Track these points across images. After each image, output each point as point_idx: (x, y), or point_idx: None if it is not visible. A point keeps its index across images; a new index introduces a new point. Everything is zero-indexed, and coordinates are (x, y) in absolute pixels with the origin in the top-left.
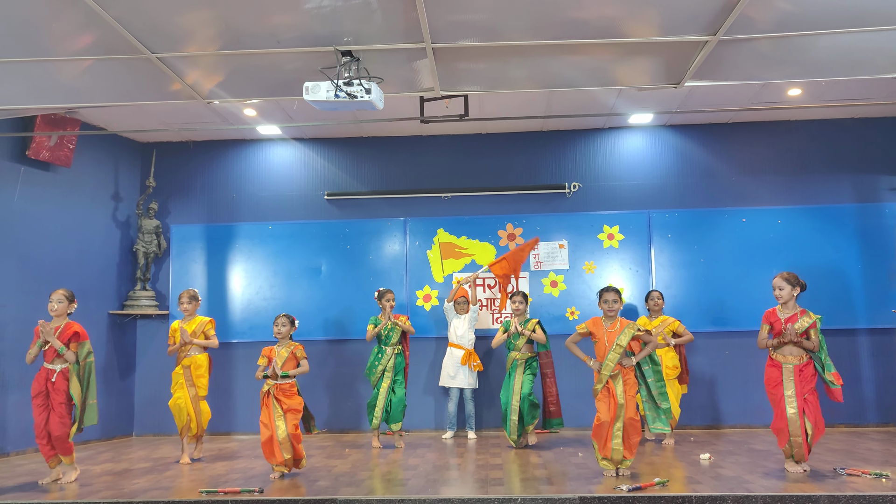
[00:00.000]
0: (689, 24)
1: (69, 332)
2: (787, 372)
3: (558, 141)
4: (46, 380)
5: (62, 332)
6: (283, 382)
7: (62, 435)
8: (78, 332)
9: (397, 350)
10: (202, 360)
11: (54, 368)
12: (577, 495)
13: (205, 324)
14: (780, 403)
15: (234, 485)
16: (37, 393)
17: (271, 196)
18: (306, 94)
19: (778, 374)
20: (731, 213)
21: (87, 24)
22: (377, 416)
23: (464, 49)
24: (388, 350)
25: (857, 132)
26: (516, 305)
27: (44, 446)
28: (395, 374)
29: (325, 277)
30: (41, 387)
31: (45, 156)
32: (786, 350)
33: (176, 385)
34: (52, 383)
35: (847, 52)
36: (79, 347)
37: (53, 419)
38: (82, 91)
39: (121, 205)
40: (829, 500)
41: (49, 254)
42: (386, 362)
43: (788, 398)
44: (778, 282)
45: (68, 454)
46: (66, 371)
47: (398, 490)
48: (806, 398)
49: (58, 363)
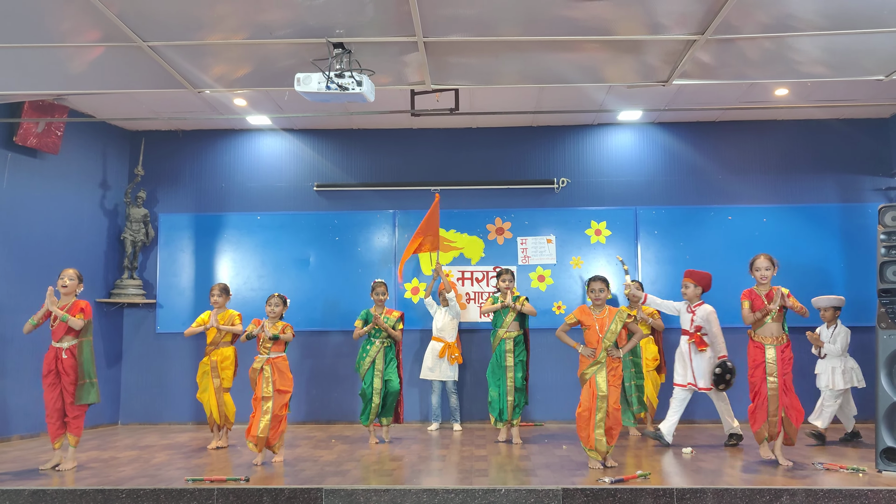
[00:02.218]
0: (677, 23)
1: (76, 309)
2: (769, 352)
3: (548, 136)
4: (56, 358)
5: (70, 309)
6: (277, 356)
7: (79, 415)
8: (84, 309)
9: (387, 344)
10: (229, 352)
11: (62, 346)
12: (560, 486)
13: (233, 316)
14: (761, 384)
15: (221, 473)
16: (47, 372)
17: (260, 186)
18: (298, 85)
19: (760, 354)
20: (717, 210)
21: (77, 11)
22: (373, 412)
23: (455, 43)
24: (377, 343)
25: (842, 133)
26: (505, 284)
27: (52, 425)
28: (387, 367)
29: (314, 269)
30: (51, 365)
31: (33, 142)
32: (767, 331)
33: (202, 375)
34: (62, 361)
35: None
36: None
37: (68, 400)
38: (72, 78)
39: (109, 193)
40: (806, 494)
41: (36, 241)
42: (374, 354)
43: (769, 376)
44: (765, 262)
45: (78, 434)
46: (75, 348)
47: (384, 480)
48: (785, 379)
49: (66, 341)
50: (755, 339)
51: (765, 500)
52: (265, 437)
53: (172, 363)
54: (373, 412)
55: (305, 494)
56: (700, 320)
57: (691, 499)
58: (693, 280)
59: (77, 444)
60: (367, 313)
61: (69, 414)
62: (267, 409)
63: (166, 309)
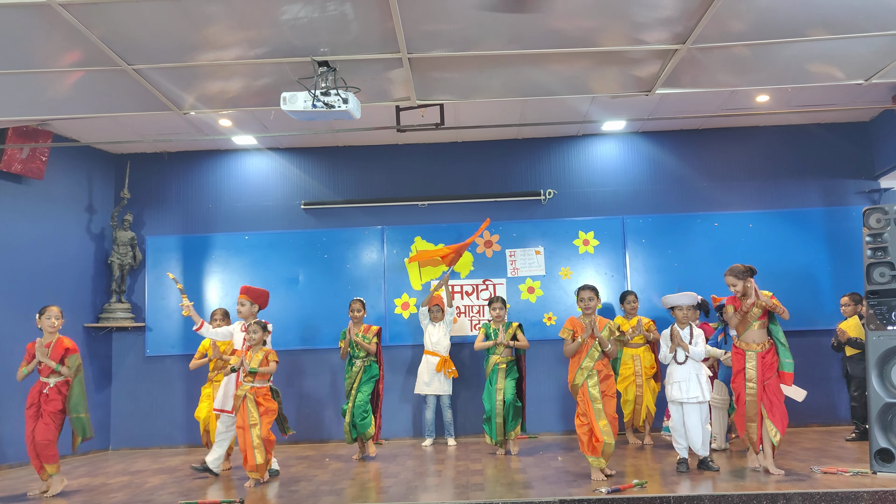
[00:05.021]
0: (659, 33)
1: (62, 349)
2: (749, 358)
3: (533, 148)
4: (40, 392)
5: (55, 347)
6: (261, 386)
7: (44, 441)
8: (68, 348)
9: (367, 363)
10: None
11: (48, 382)
12: (556, 498)
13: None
14: (741, 390)
15: (215, 496)
16: (30, 404)
17: (247, 206)
18: (284, 104)
19: (741, 360)
20: (703, 217)
21: (62, 37)
22: (346, 432)
23: (439, 59)
24: (358, 363)
25: (823, 137)
26: (497, 312)
27: (34, 458)
28: (361, 384)
29: (303, 287)
30: (34, 398)
31: (17, 168)
32: (749, 337)
33: (203, 397)
34: (45, 395)
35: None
36: (70, 361)
37: (39, 426)
38: (57, 103)
39: (95, 217)
40: (802, 498)
41: (23, 267)
42: (355, 375)
43: (748, 382)
44: (730, 279)
45: (52, 462)
46: (62, 385)
47: (380, 497)
48: (766, 385)
49: (53, 378)
50: (737, 346)
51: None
52: (262, 462)
53: (163, 386)
54: (345, 428)
55: None
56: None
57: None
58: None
59: (57, 470)
60: (344, 332)
61: (37, 440)
62: (256, 436)
63: (155, 332)
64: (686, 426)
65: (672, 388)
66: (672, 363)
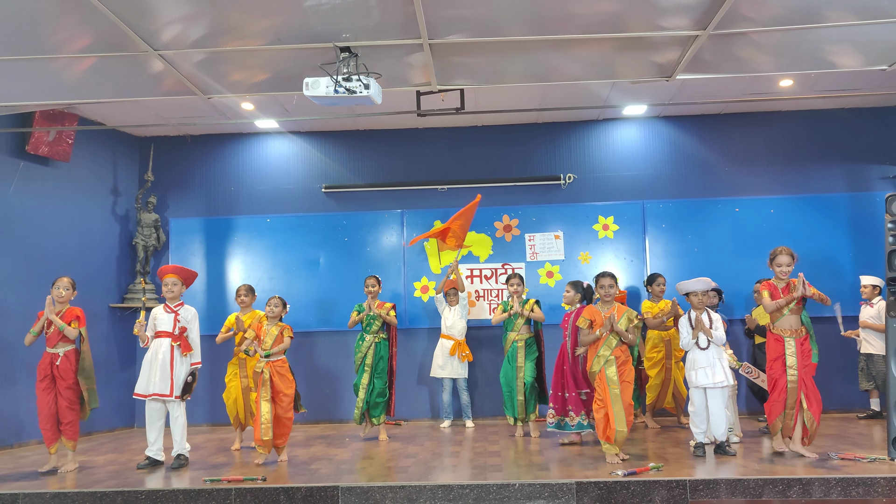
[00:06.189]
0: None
1: (72, 316)
2: (788, 345)
3: (553, 133)
4: (51, 364)
5: (64, 316)
6: (276, 359)
7: (73, 420)
8: (79, 317)
9: (378, 339)
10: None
11: (58, 353)
12: (573, 480)
13: (261, 316)
14: (781, 377)
15: (239, 473)
16: (42, 377)
17: (269, 189)
18: (306, 89)
19: (780, 347)
20: (724, 202)
21: (88, 21)
22: (358, 407)
23: (460, 44)
24: (368, 338)
25: (847, 122)
26: (514, 288)
27: (47, 431)
28: (375, 364)
29: (324, 269)
30: (46, 371)
31: (45, 151)
32: (786, 323)
33: (230, 375)
34: (56, 367)
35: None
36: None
37: (62, 405)
38: (83, 87)
39: (120, 199)
40: (819, 483)
41: (49, 248)
42: (366, 350)
43: (790, 368)
44: (787, 258)
45: (74, 439)
46: (71, 354)
47: (399, 477)
48: (805, 371)
49: (61, 347)
50: (774, 332)
51: (777, 489)
52: (269, 439)
53: None
54: (357, 407)
55: (322, 492)
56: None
57: (704, 490)
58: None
59: (75, 448)
60: (360, 306)
61: (63, 420)
62: (267, 410)
63: None
64: (710, 410)
65: (697, 373)
66: (694, 349)
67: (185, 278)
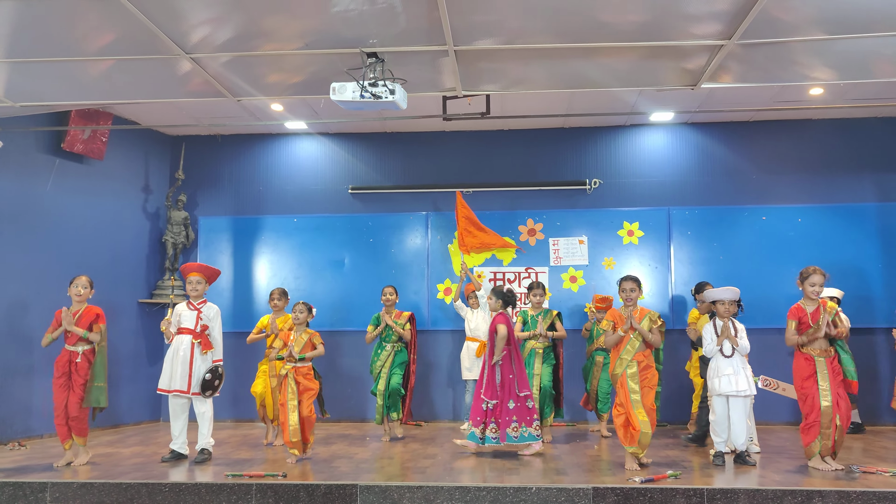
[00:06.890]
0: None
1: (91, 315)
2: (819, 365)
3: (579, 138)
4: (70, 361)
5: (82, 315)
6: (301, 365)
7: (80, 415)
8: (98, 315)
9: (398, 348)
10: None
11: (77, 350)
12: (590, 486)
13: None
14: (815, 398)
15: (260, 469)
16: (60, 374)
17: (297, 189)
18: (333, 94)
19: (810, 367)
20: (751, 210)
21: (122, 25)
22: (378, 412)
23: (486, 50)
24: (388, 347)
25: (879, 131)
26: (537, 298)
27: (61, 426)
28: (393, 368)
29: (349, 270)
30: (64, 368)
31: (79, 148)
32: (816, 344)
33: (259, 373)
34: (75, 364)
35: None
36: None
37: (72, 399)
38: (116, 88)
39: (151, 196)
40: (838, 496)
41: (81, 244)
42: (385, 359)
43: (823, 391)
44: (820, 278)
45: (83, 435)
46: (90, 353)
47: (417, 477)
48: (838, 390)
49: (80, 346)
50: (804, 351)
51: (796, 501)
52: (298, 439)
53: None
54: (378, 411)
55: (341, 490)
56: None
57: (722, 499)
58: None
59: (85, 443)
60: (377, 317)
61: (71, 414)
62: (295, 421)
63: None
64: (731, 420)
65: (720, 381)
66: (718, 356)
67: (209, 276)
